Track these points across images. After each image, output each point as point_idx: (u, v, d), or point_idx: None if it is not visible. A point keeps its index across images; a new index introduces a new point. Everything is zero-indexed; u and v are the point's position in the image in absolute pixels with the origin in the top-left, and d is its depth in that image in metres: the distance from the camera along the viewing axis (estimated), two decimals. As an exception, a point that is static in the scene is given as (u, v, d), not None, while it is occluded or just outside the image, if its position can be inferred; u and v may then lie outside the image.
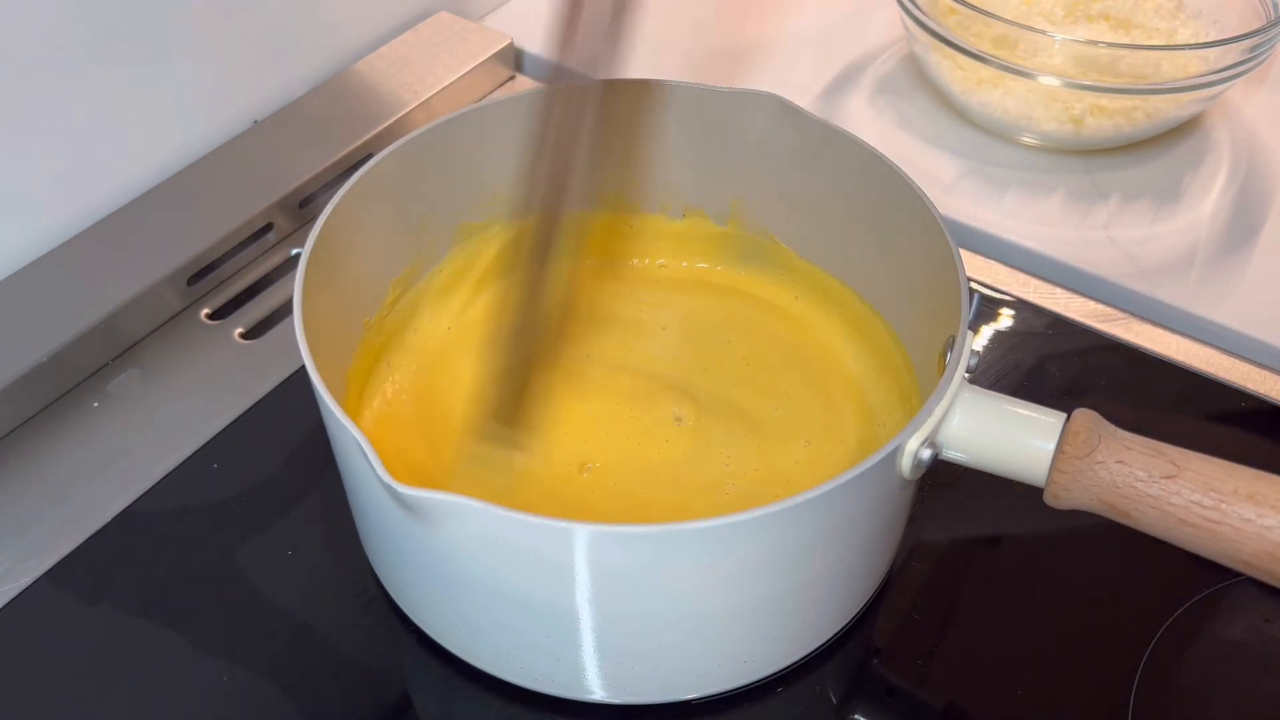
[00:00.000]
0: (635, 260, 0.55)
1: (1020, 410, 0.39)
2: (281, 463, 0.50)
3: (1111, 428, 0.38)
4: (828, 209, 0.50)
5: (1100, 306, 0.58)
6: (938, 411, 0.38)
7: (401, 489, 0.34)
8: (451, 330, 0.51)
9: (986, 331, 0.57)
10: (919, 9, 0.64)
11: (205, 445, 0.50)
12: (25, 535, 0.47)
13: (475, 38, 0.69)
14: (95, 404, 0.52)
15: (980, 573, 0.47)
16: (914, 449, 0.37)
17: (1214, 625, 0.45)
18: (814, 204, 0.51)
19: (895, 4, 0.65)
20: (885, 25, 0.74)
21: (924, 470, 0.38)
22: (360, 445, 0.35)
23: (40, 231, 0.55)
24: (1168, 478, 0.36)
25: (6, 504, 0.48)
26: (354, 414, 0.48)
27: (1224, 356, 0.55)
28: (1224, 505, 0.35)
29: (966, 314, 0.40)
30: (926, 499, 0.48)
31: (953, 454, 0.39)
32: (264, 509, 0.48)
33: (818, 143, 0.48)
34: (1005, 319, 0.57)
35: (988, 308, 0.58)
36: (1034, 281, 0.59)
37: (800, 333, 0.52)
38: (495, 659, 0.42)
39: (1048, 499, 0.38)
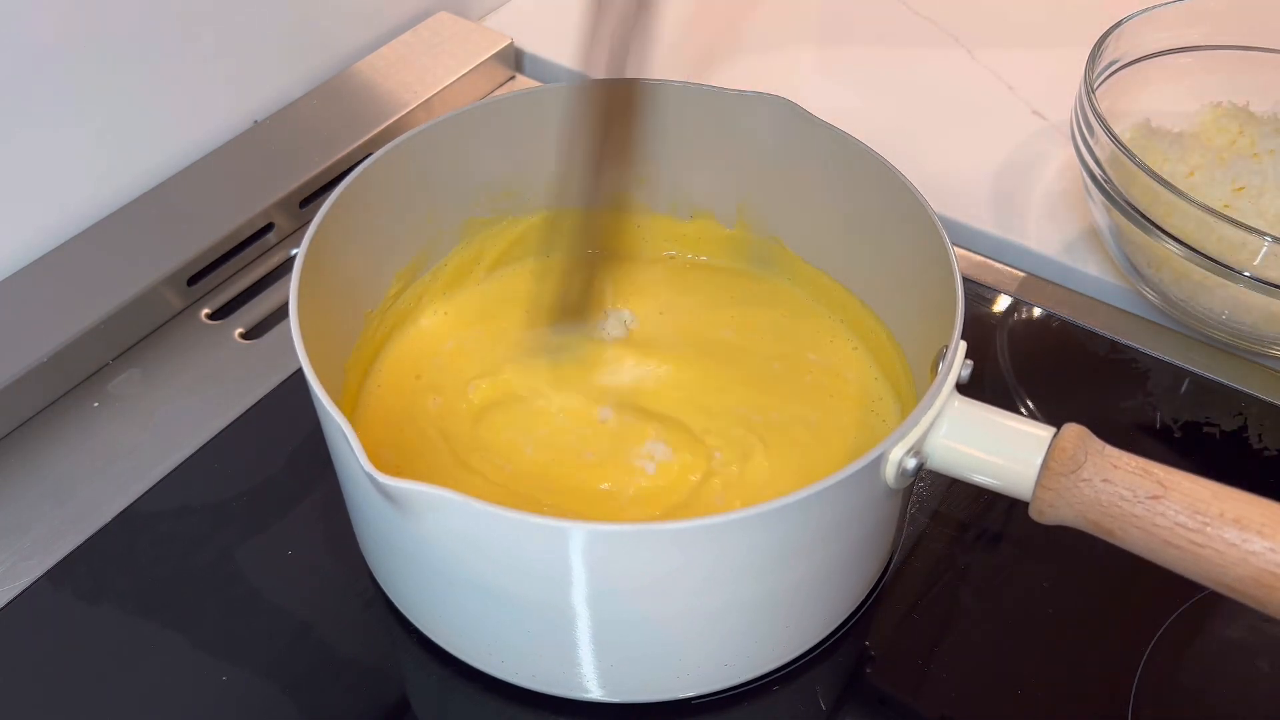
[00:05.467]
0: (644, 251, 0.55)
1: (1008, 423, 0.39)
2: (281, 463, 0.50)
3: (1100, 444, 0.37)
4: (833, 214, 0.50)
5: (1099, 305, 0.58)
6: (924, 421, 0.37)
7: (383, 479, 0.34)
8: (455, 322, 0.52)
9: (985, 330, 0.57)
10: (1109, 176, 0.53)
11: (205, 445, 0.50)
12: (25, 535, 0.47)
13: (475, 38, 0.69)
14: (95, 404, 0.52)
15: (978, 573, 0.47)
16: (898, 458, 0.37)
17: (1213, 625, 0.45)
18: (820, 208, 0.51)
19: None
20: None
21: (910, 480, 0.38)
22: (344, 433, 0.35)
23: (40, 231, 0.55)
24: (1153, 498, 0.36)
25: (6, 504, 0.48)
26: (352, 405, 0.48)
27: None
28: (1209, 528, 0.35)
29: (960, 325, 0.40)
30: (925, 499, 0.49)
31: (938, 464, 0.39)
32: (264, 509, 0.48)
33: (825, 147, 0.48)
34: (1004, 318, 0.57)
35: (986, 306, 0.58)
36: (1034, 281, 0.59)
37: (804, 334, 0.52)
38: (489, 657, 0.42)
39: (1033, 514, 0.38)
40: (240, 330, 0.55)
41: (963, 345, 0.39)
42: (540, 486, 0.45)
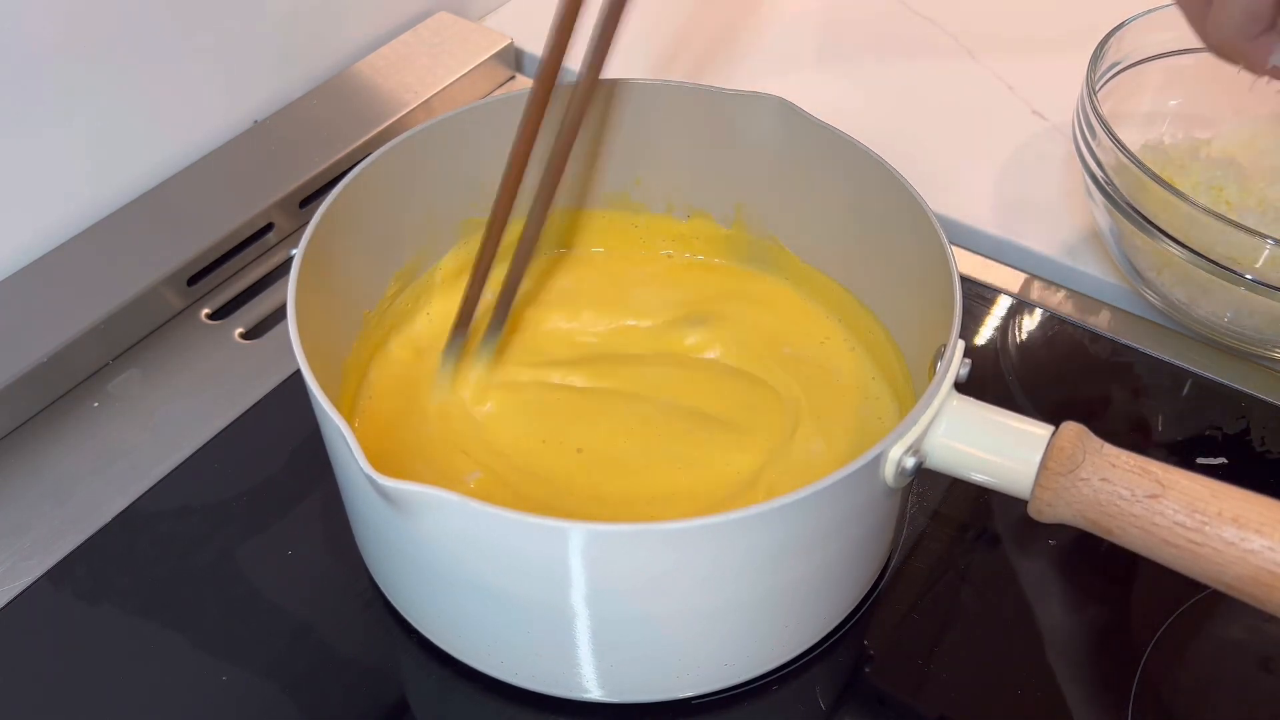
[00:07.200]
0: (641, 249, 0.55)
1: (1007, 422, 0.39)
2: (281, 463, 0.50)
3: (1098, 443, 0.37)
4: (830, 213, 0.50)
5: (1100, 306, 0.58)
6: (923, 420, 0.37)
7: (380, 479, 0.34)
8: (452, 323, 0.51)
9: (985, 331, 0.57)
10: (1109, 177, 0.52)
11: (205, 445, 0.50)
12: (25, 535, 0.47)
13: (475, 38, 0.69)
14: (95, 404, 0.52)
15: (978, 573, 0.47)
16: (897, 457, 0.37)
17: (1213, 625, 0.45)
18: (817, 207, 0.51)
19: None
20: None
21: (909, 478, 0.38)
22: (343, 433, 0.35)
23: (40, 232, 0.55)
24: (1151, 497, 0.36)
25: (6, 504, 0.48)
26: (351, 405, 0.48)
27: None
28: (1207, 527, 0.35)
29: (958, 323, 0.40)
30: (925, 499, 0.48)
31: (937, 463, 0.39)
32: (264, 509, 0.48)
33: (821, 146, 0.48)
34: (1004, 319, 0.57)
35: (986, 307, 0.58)
36: (1035, 282, 0.59)
37: (802, 334, 0.52)
38: (489, 657, 0.42)
39: (1032, 513, 0.38)
40: (240, 330, 0.55)
41: (960, 344, 0.39)
42: (540, 483, 0.45)
